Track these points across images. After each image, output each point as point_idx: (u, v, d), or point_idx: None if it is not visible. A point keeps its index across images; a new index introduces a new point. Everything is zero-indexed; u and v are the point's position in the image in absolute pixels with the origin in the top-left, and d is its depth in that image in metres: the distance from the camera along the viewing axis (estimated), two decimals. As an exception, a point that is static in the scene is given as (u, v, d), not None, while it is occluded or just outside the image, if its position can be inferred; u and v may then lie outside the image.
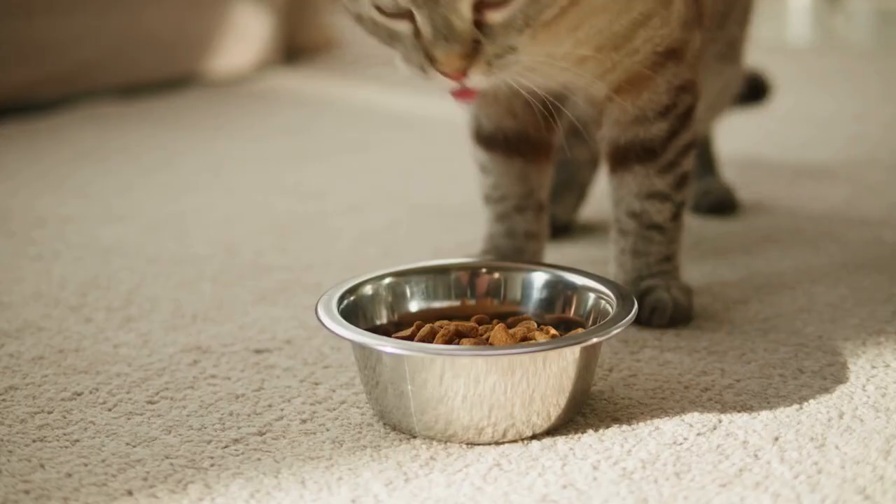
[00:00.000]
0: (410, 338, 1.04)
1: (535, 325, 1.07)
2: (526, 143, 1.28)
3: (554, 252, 1.44)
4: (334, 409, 1.05)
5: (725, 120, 1.75)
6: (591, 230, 1.60)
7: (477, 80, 1.00)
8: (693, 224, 1.52)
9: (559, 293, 1.12)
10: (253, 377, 1.13)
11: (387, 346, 0.96)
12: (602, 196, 1.43)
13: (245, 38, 2.98)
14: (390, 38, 1.03)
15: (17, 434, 1.00)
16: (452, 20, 0.96)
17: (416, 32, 1.00)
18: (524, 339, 1.03)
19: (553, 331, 1.05)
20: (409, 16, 0.99)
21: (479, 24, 0.98)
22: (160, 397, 1.08)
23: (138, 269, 1.47)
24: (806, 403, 1.04)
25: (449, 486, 0.90)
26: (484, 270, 1.15)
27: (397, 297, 1.12)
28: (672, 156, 1.21)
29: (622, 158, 1.22)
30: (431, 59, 0.99)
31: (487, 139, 1.29)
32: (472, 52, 0.98)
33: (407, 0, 0.97)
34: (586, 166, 1.59)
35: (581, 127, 1.30)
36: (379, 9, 1.01)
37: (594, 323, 1.06)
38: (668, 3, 1.15)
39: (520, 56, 1.00)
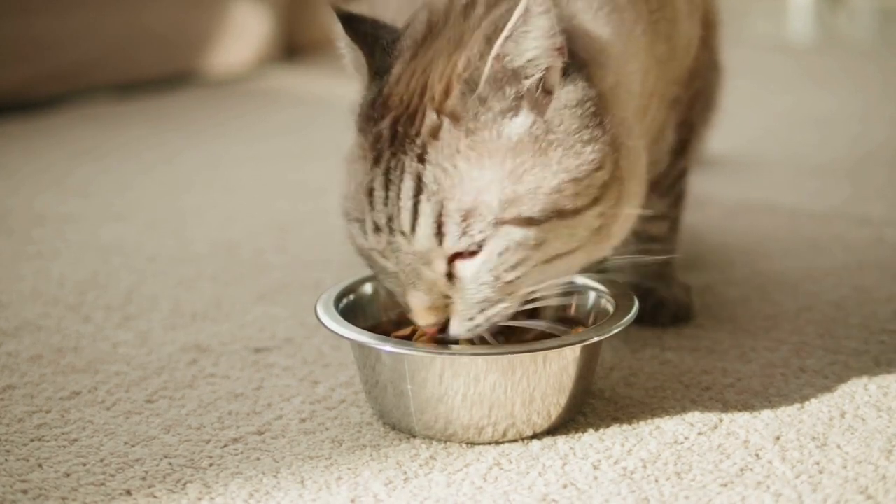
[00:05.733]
0: (410, 337, 1.04)
1: None
2: None
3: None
4: (334, 409, 1.05)
5: (726, 121, 1.75)
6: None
7: (459, 332, 0.93)
8: (693, 223, 1.51)
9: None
10: (252, 376, 1.12)
11: (386, 345, 0.96)
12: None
13: (244, 36, 2.97)
14: (382, 272, 0.96)
15: (14, 433, 1.00)
16: (420, 270, 0.90)
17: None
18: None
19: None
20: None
21: (451, 275, 0.91)
22: (159, 396, 1.08)
23: (137, 267, 1.46)
24: (807, 402, 1.03)
25: (449, 486, 0.90)
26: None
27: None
28: (671, 180, 1.25)
29: None
30: (407, 308, 0.94)
31: None
32: (444, 307, 0.92)
33: (371, 244, 0.91)
34: None
35: None
36: (360, 249, 0.96)
37: (595, 322, 1.06)
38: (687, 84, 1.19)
39: (509, 305, 0.92)
